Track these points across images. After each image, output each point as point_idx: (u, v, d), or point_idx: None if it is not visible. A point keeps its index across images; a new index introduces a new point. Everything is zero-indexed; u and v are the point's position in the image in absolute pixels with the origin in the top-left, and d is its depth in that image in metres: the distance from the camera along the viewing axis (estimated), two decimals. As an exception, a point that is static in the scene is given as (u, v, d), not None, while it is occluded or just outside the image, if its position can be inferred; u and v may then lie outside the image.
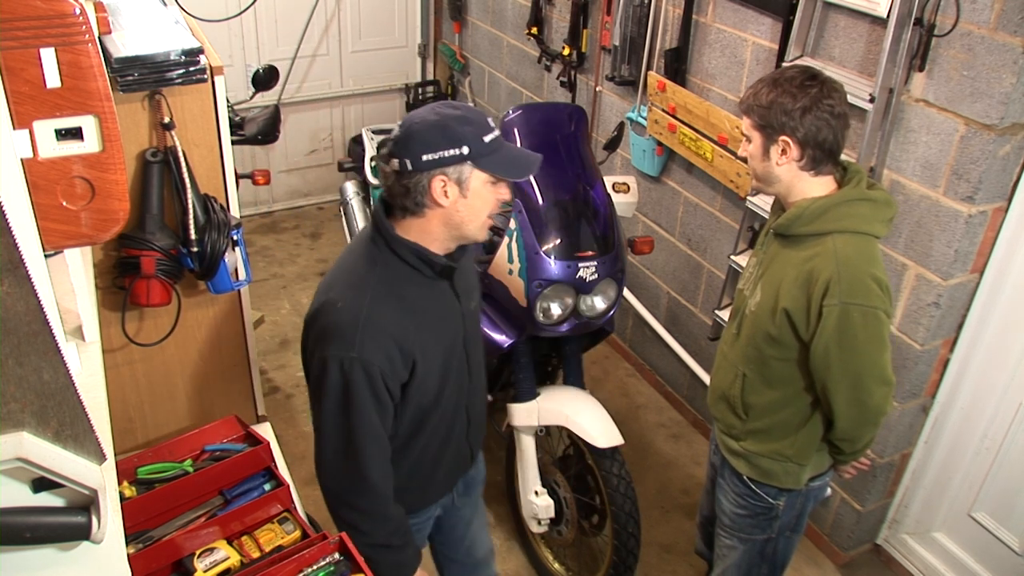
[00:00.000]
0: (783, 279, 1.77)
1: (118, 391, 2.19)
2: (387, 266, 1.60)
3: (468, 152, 1.51)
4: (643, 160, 3.39)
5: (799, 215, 1.74)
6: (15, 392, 0.82)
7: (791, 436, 1.90)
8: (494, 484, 3.11)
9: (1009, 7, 1.99)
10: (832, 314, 1.67)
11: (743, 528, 2.08)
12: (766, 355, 1.84)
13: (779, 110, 1.69)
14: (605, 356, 3.89)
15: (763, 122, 1.73)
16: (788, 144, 1.71)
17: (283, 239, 4.75)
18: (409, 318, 1.60)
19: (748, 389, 1.91)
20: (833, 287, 1.67)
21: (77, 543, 0.99)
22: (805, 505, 2.03)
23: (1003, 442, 2.50)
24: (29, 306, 0.85)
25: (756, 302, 1.85)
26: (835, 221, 1.72)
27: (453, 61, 4.81)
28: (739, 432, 1.98)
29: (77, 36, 1.15)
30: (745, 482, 2.00)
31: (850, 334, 1.68)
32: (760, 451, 1.94)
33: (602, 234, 2.39)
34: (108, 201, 1.27)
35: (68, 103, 1.18)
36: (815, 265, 1.71)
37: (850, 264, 1.68)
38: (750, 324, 1.87)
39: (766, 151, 1.75)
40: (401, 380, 1.62)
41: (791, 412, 1.88)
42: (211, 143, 2.04)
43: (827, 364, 1.73)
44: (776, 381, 1.86)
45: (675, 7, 3.06)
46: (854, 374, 1.73)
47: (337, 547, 1.81)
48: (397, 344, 1.57)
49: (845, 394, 1.75)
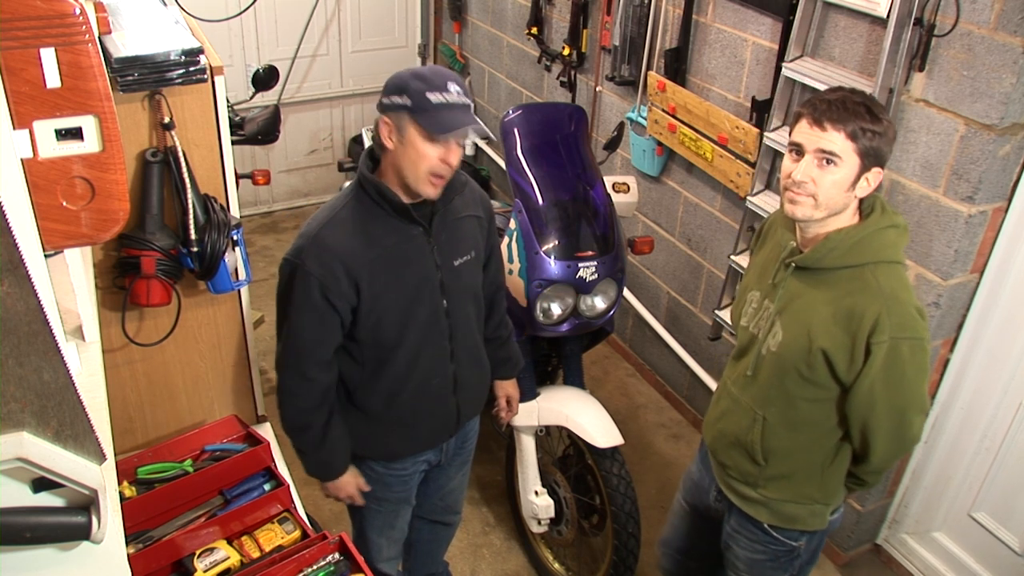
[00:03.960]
0: (814, 317, 1.65)
1: (118, 391, 2.19)
2: (359, 200, 1.82)
3: (409, 104, 1.68)
4: (643, 160, 3.39)
5: (833, 248, 1.62)
6: (15, 392, 0.82)
7: (817, 478, 1.80)
8: (494, 484, 3.11)
9: (1009, 7, 1.99)
10: (881, 351, 1.57)
11: (762, 570, 1.96)
12: (794, 397, 1.72)
13: (889, 139, 1.56)
14: (605, 356, 3.89)
15: (869, 149, 1.55)
16: (879, 176, 1.59)
17: (283, 239, 4.75)
18: (364, 246, 1.78)
19: (769, 434, 1.78)
20: (883, 323, 1.57)
21: (77, 543, 0.99)
22: (822, 539, 1.95)
23: (1003, 442, 2.50)
24: (29, 306, 0.85)
25: (778, 342, 1.71)
26: (872, 252, 1.62)
27: (453, 61, 4.80)
28: (756, 479, 1.85)
29: (77, 36, 1.15)
30: (765, 530, 1.89)
31: (898, 369, 1.59)
32: (783, 497, 1.83)
33: (602, 234, 2.39)
34: (108, 201, 1.27)
35: (68, 103, 1.18)
36: (857, 302, 1.60)
37: (897, 298, 1.59)
38: (772, 365, 1.73)
39: (857, 180, 1.58)
40: (348, 299, 1.79)
41: (818, 453, 1.78)
42: (211, 143, 2.03)
43: (871, 402, 1.63)
44: (802, 424, 1.75)
45: (675, 7, 3.07)
46: (899, 409, 1.64)
47: (337, 547, 1.82)
48: (342, 262, 1.76)
49: (887, 430, 1.66)
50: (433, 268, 1.87)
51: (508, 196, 3.01)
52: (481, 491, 3.12)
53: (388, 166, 1.78)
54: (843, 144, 1.55)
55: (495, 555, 2.88)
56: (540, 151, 2.49)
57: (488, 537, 2.94)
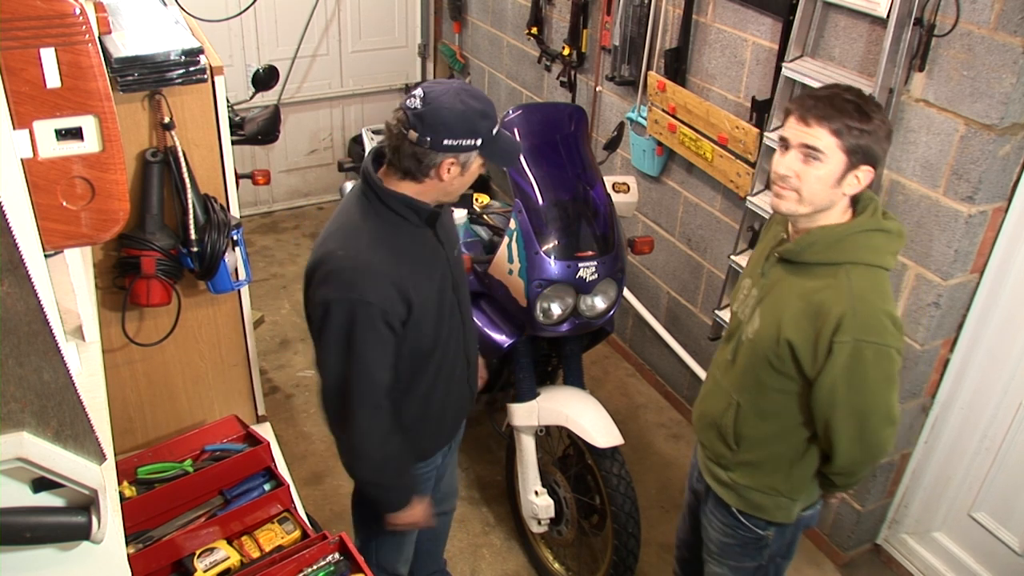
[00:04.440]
0: (787, 308, 1.67)
1: (118, 391, 2.19)
2: (379, 216, 1.75)
3: (480, 144, 1.68)
4: (643, 160, 3.39)
5: (813, 242, 1.64)
6: (15, 392, 0.82)
7: (784, 471, 1.81)
8: (494, 484, 3.11)
9: (1009, 7, 1.99)
10: (843, 351, 1.58)
11: (732, 556, 1.99)
12: (765, 385, 1.74)
13: (880, 138, 1.56)
14: (605, 356, 3.89)
15: (855, 147, 1.55)
16: (871, 175, 1.59)
17: (283, 239, 4.75)
18: (402, 261, 1.75)
19: (741, 419, 1.81)
20: (847, 323, 1.57)
21: (77, 543, 0.99)
22: (796, 534, 1.96)
23: (1003, 442, 2.50)
24: (29, 306, 0.85)
25: (755, 329, 1.74)
26: (851, 252, 1.62)
27: (453, 61, 4.81)
28: (728, 462, 1.88)
29: (77, 36, 1.15)
30: (733, 514, 1.91)
31: (860, 372, 1.59)
32: (750, 484, 1.85)
33: (602, 234, 2.39)
34: (108, 201, 1.27)
35: (68, 103, 1.18)
36: (826, 298, 1.60)
37: (865, 300, 1.58)
38: (748, 352, 1.76)
39: (843, 176, 1.58)
40: (400, 317, 1.75)
41: (786, 447, 1.79)
42: (211, 143, 2.04)
43: (832, 402, 1.63)
44: (771, 414, 1.77)
45: (675, 7, 3.07)
46: (861, 413, 1.64)
47: (337, 547, 1.82)
48: (393, 284, 1.71)
49: (849, 433, 1.66)
50: (445, 264, 1.89)
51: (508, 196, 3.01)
52: (481, 491, 3.12)
53: (426, 189, 1.73)
54: (827, 140, 1.55)
55: (495, 555, 2.88)
56: (540, 151, 2.49)
57: (488, 537, 2.94)
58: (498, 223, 2.85)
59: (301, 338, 3.91)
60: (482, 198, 3.27)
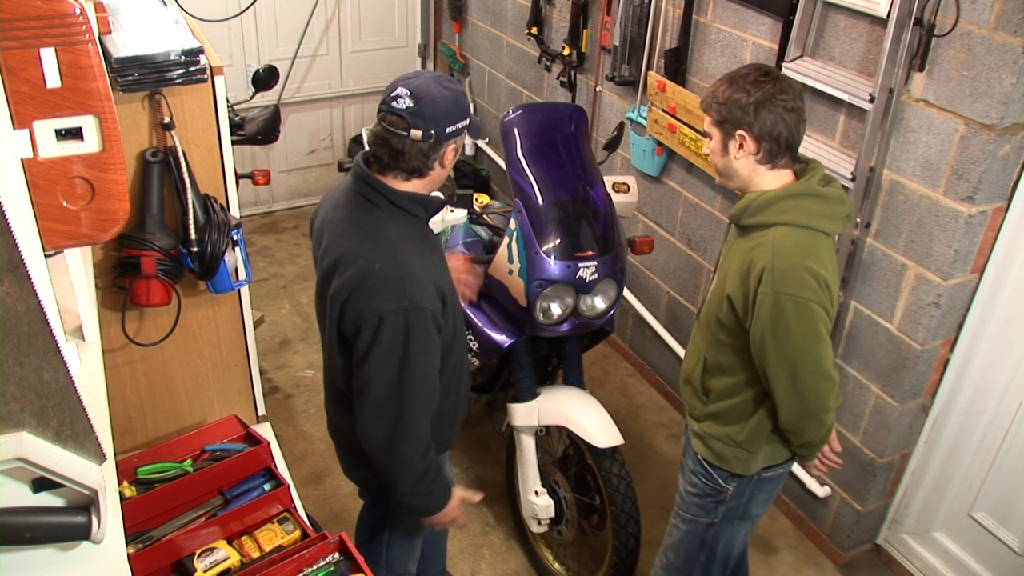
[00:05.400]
0: (731, 267, 1.84)
1: (118, 391, 2.19)
2: (395, 220, 1.74)
3: (469, 123, 1.74)
4: (643, 160, 3.39)
5: (746, 206, 1.81)
6: (15, 392, 0.82)
7: (743, 422, 1.94)
8: (494, 484, 3.11)
9: (1009, 7, 1.99)
10: (765, 302, 1.72)
11: (689, 508, 2.12)
12: (719, 341, 1.90)
13: (735, 106, 1.75)
14: (605, 356, 3.89)
15: (720, 118, 1.79)
16: (744, 139, 1.77)
17: (283, 239, 4.75)
18: (428, 259, 1.77)
19: (707, 373, 1.97)
20: (767, 276, 1.72)
21: (77, 543, 0.99)
22: (755, 494, 2.05)
23: (1003, 442, 2.50)
24: (29, 306, 0.85)
25: (711, 288, 1.94)
26: (779, 214, 1.77)
27: (453, 61, 4.81)
28: (700, 414, 2.03)
29: (77, 36, 1.15)
30: (700, 462, 2.05)
31: (783, 324, 1.72)
32: (714, 434, 1.98)
33: (602, 234, 2.39)
34: (108, 201, 1.27)
35: (68, 103, 1.18)
36: (755, 255, 1.76)
37: (785, 254, 1.72)
38: (706, 309, 1.95)
39: (725, 146, 1.81)
40: (441, 315, 1.76)
41: (744, 399, 1.92)
42: (211, 143, 2.04)
43: (763, 354, 1.77)
44: (728, 367, 1.91)
45: (675, 7, 3.07)
46: (790, 364, 1.76)
47: (337, 547, 1.82)
48: (433, 284, 1.73)
49: (783, 384, 1.79)
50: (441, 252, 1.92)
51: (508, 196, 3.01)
52: (481, 491, 3.11)
53: (428, 181, 1.75)
54: (707, 120, 1.84)
55: (495, 555, 2.88)
56: (540, 151, 2.49)
57: (488, 537, 2.94)
58: (498, 223, 2.85)
59: (301, 338, 3.91)
60: (482, 198, 3.26)
